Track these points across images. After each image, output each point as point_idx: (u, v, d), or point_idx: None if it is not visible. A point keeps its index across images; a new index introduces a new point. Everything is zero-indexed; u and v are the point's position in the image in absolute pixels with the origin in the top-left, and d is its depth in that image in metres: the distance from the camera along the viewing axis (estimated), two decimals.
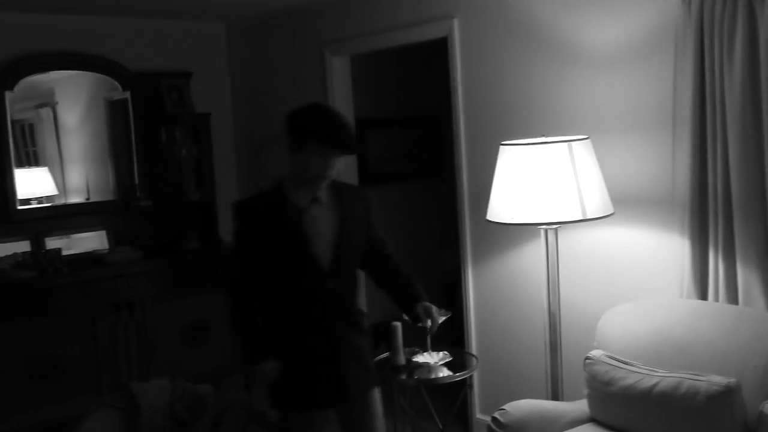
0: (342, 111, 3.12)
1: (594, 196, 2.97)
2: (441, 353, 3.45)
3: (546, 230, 3.14)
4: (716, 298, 2.93)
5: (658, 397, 2.57)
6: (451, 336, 4.49)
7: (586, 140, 3.04)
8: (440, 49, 4.10)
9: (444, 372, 3.36)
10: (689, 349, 2.72)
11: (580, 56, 3.42)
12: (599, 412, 2.85)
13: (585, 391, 2.90)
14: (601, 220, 3.10)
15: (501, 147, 3.12)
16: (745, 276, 2.82)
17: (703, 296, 2.98)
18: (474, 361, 3.58)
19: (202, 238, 5.05)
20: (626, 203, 3.27)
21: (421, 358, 3.43)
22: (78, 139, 4.90)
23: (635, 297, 3.20)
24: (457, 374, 3.36)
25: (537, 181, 2.94)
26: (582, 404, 2.95)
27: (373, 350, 2.91)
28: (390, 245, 2.88)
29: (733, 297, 2.88)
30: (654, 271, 3.24)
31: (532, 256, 3.61)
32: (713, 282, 2.94)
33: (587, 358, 2.87)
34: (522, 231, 3.60)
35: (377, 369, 3.02)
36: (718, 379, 2.47)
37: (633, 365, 2.73)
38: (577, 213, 2.92)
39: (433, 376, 3.33)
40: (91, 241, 4.79)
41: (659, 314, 2.89)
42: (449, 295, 5.16)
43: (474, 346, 4.04)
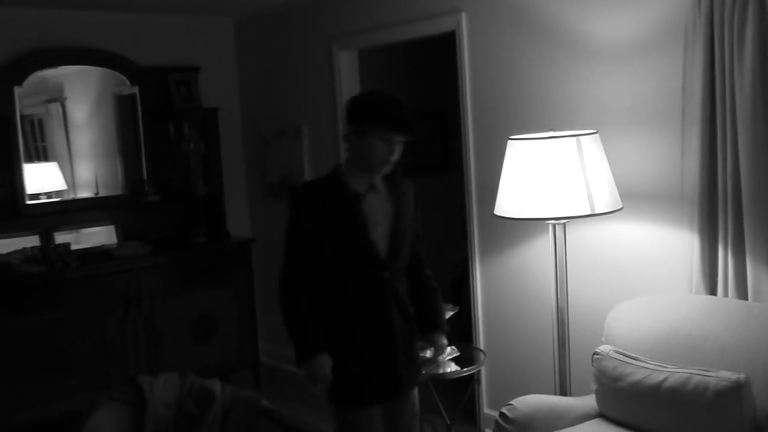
0: None
1: (602, 191, 2.95)
2: (449, 348, 3.44)
3: (554, 225, 3.13)
4: (725, 294, 2.91)
5: (667, 393, 2.56)
6: (459, 331, 4.49)
7: (595, 135, 3.03)
8: (448, 44, 4.09)
9: (452, 367, 3.36)
10: (698, 345, 2.71)
11: (589, 50, 3.40)
12: (607, 408, 2.84)
13: (593, 387, 2.89)
14: (610, 216, 3.09)
15: (509, 141, 3.11)
16: (755, 271, 2.81)
17: (713, 292, 2.97)
18: (482, 357, 3.58)
19: (210, 233, 5.06)
20: (635, 198, 3.25)
21: (429, 354, 3.42)
22: (87, 134, 4.92)
23: (644, 292, 3.19)
24: (465, 369, 3.36)
25: (545, 176, 2.93)
26: (590, 400, 2.94)
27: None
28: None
29: (743, 293, 2.86)
30: (663, 267, 3.23)
31: (540, 251, 3.60)
32: (722, 278, 2.92)
33: (595, 354, 2.86)
34: (530, 226, 3.59)
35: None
36: (728, 375, 2.46)
37: (642, 361, 2.72)
38: (586, 208, 2.91)
39: (441, 372, 3.33)
40: (100, 236, 4.81)
41: (668, 310, 2.87)
42: (457, 289, 5.15)
43: (482, 342, 4.04)
